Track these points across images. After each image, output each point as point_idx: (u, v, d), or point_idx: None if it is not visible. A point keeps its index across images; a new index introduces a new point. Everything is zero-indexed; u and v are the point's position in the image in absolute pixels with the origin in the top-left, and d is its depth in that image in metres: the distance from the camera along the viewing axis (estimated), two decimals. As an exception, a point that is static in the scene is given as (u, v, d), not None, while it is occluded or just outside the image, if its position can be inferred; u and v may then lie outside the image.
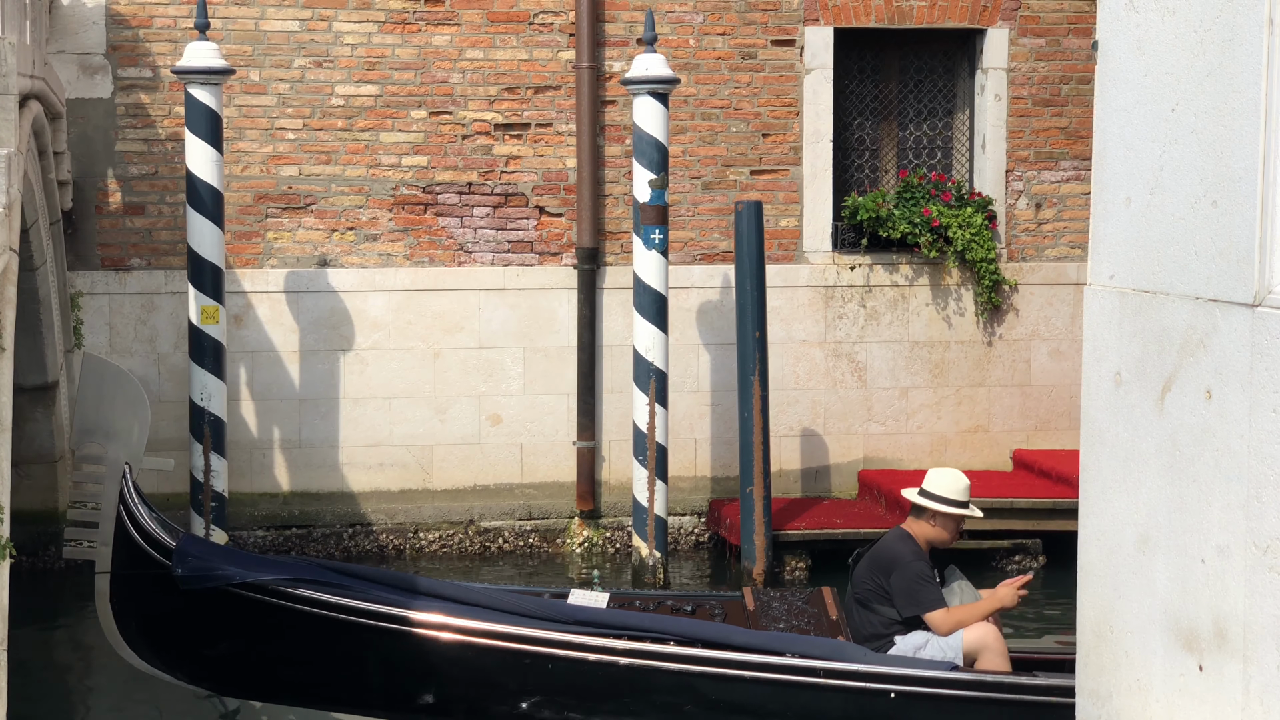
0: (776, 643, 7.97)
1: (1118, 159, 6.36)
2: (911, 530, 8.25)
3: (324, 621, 7.82)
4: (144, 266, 12.56)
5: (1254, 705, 5.44)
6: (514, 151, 12.89)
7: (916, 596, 8.04)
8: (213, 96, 11.58)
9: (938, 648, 7.97)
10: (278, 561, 8.32)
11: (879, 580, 8.12)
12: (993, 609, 8.14)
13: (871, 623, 8.14)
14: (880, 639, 8.09)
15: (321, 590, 7.86)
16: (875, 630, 8.12)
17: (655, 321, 11.92)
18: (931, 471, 8.37)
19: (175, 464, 8.80)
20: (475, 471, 12.96)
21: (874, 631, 8.12)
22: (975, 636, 7.98)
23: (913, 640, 8.03)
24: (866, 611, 8.16)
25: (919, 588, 8.04)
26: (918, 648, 8.00)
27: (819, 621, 8.46)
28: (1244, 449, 5.46)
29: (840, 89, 13.34)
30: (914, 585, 8.04)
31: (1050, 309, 13.53)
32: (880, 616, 8.12)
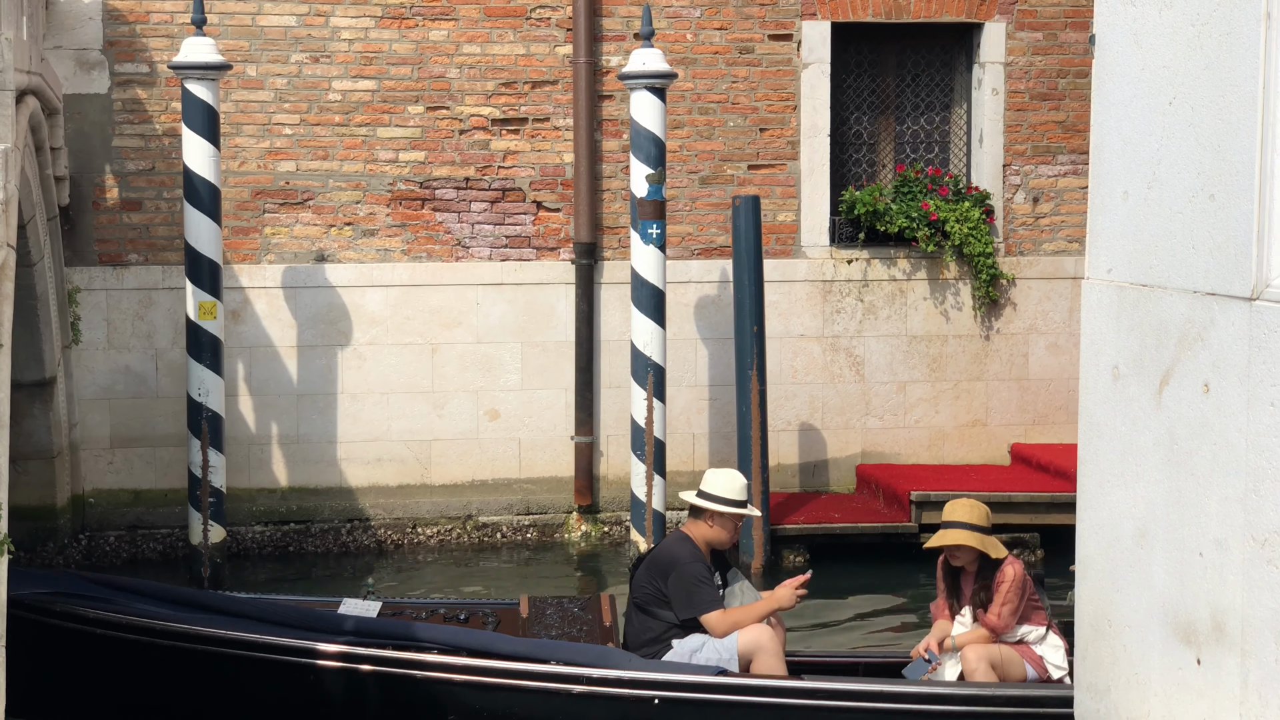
0: (542, 650, 7.86)
1: (1115, 153, 6.36)
2: (690, 532, 8.10)
3: (82, 636, 7.66)
4: (141, 262, 12.55)
5: (1252, 698, 5.44)
6: (511, 146, 12.88)
7: (692, 598, 7.89)
8: (210, 92, 11.57)
9: (713, 650, 7.84)
10: (40, 575, 8.17)
11: (656, 584, 7.97)
12: (770, 610, 8.01)
13: (650, 627, 7.99)
14: (658, 643, 7.95)
15: (82, 605, 7.72)
16: (653, 634, 7.97)
17: (653, 316, 11.92)
18: (709, 472, 8.22)
19: None
20: (473, 466, 12.96)
21: (652, 636, 7.97)
22: (750, 638, 7.86)
23: (689, 644, 7.89)
24: (645, 616, 8.01)
25: (694, 589, 7.90)
26: (694, 650, 7.86)
27: (592, 628, 8.31)
28: (1242, 442, 5.46)
29: (838, 83, 13.34)
30: (690, 587, 7.90)
31: (1048, 303, 13.53)
32: (658, 620, 7.96)
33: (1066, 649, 8.09)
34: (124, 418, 12.54)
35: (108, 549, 12.48)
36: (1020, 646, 8.09)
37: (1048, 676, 8.05)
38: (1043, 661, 8.08)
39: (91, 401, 12.50)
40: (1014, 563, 8.14)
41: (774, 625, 8.14)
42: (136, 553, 12.49)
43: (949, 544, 8.09)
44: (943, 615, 8.25)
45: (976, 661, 7.95)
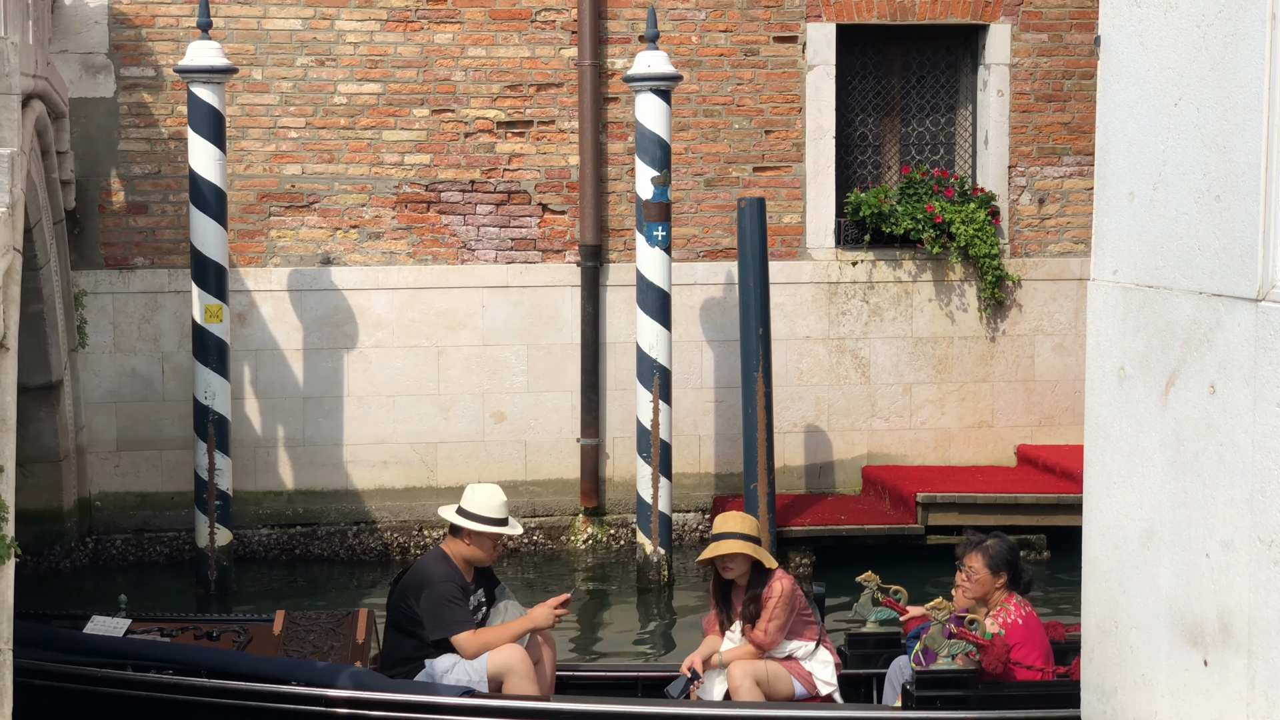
0: (284, 670, 7.67)
1: (1120, 154, 6.36)
2: (449, 550, 7.95)
3: None
4: (147, 265, 12.57)
5: (1259, 700, 5.44)
6: (517, 149, 12.89)
7: (442, 618, 7.74)
8: (215, 95, 11.59)
9: (464, 671, 7.71)
10: None
11: (409, 603, 7.81)
12: (524, 630, 7.87)
13: (403, 646, 7.85)
14: (410, 663, 7.80)
15: None
16: (406, 654, 7.83)
17: (658, 318, 11.92)
18: (469, 487, 8.05)
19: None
20: (479, 469, 12.96)
21: (405, 655, 7.83)
22: (500, 659, 7.71)
23: (441, 664, 7.76)
24: (399, 635, 7.87)
25: (445, 609, 7.74)
26: (445, 671, 7.73)
27: (344, 646, 8.13)
28: (1248, 443, 5.46)
29: (843, 85, 13.34)
30: (440, 607, 7.74)
31: (1054, 304, 13.52)
32: (411, 640, 7.82)
33: (837, 664, 7.96)
34: (130, 421, 12.56)
35: (114, 552, 12.49)
36: (789, 663, 7.87)
37: (816, 693, 7.85)
38: (812, 678, 7.86)
39: (98, 405, 12.51)
40: (783, 577, 7.89)
41: (543, 643, 7.98)
42: (143, 556, 12.51)
43: (723, 554, 7.80)
44: (713, 630, 8.05)
45: (741, 679, 7.74)
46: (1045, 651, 7.68)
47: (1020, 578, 7.79)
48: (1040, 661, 7.60)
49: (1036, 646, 7.63)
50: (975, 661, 7.43)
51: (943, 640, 7.49)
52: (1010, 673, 7.54)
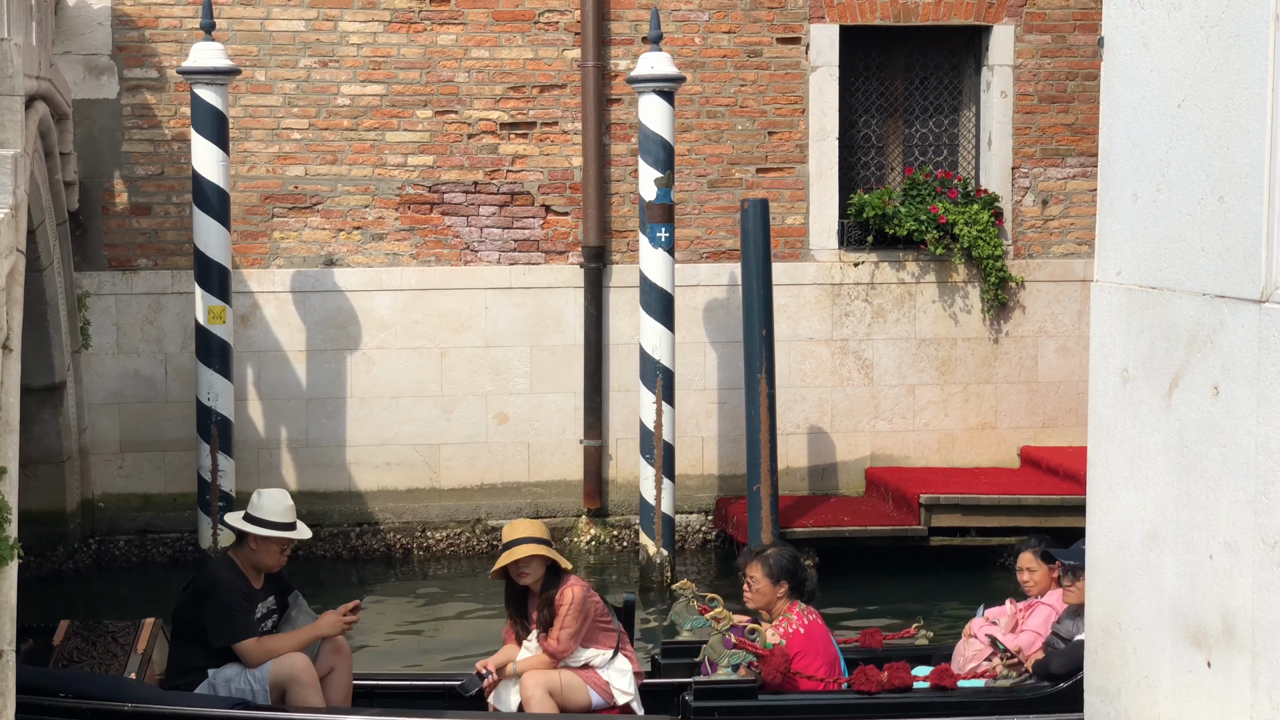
0: (52, 681, 7.36)
1: (1124, 155, 6.35)
2: (235, 556, 7.78)
3: None
4: (150, 267, 12.57)
5: (1262, 701, 5.43)
6: (520, 150, 12.89)
7: (225, 626, 7.54)
8: (218, 97, 11.59)
9: (246, 681, 7.53)
10: None
11: (193, 610, 7.62)
12: (309, 638, 7.68)
13: (188, 655, 7.65)
14: (193, 672, 7.60)
15: None
16: (191, 663, 7.63)
17: (662, 320, 11.92)
18: (256, 492, 7.91)
19: None
20: (482, 470, 12.96)
21: (190, 664, 7.63)
22: (282, 669, 7.51)
23: (224, 673, 7.57)
24: (184, 644, 7.68)
25: (228, 617, 7.55)
26: (228, 680, 7.55)
27: (123, 656, 7.83)
28: (1252, 445, 5.45)
29: (846, 86, 13.33)
30: (223, 614, 7.56)
31: (1057, 306, 13.51)
32: (196, 649, 7.62)
33: (638, 673, 7.81)
34: (133, 422, 12.56)
35: (117, 553, 12.50)
36: (585, 671, 7.69)
37: (614, 703, 7.68)
38: (609, 687, 7.68)
39: (101, 406, 12.52)
40: (576, 584, 7.72)
41: (336, 653, 7.76)
42: (146, 557, 12.51)
43: (520, 558, 7.63)
44: (510, 640, 7.88)
45: (533, 689, 7.58)
46: (829, 660, 7.58)
47: (803, 586, 7.71)
48: (823, 671, 7.51)
49: (819, 656, 7.54)
50: (756, 672, 7.33)
51: (723, 650, 7.38)
52: (793, 682, 7.45)
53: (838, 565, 12.21)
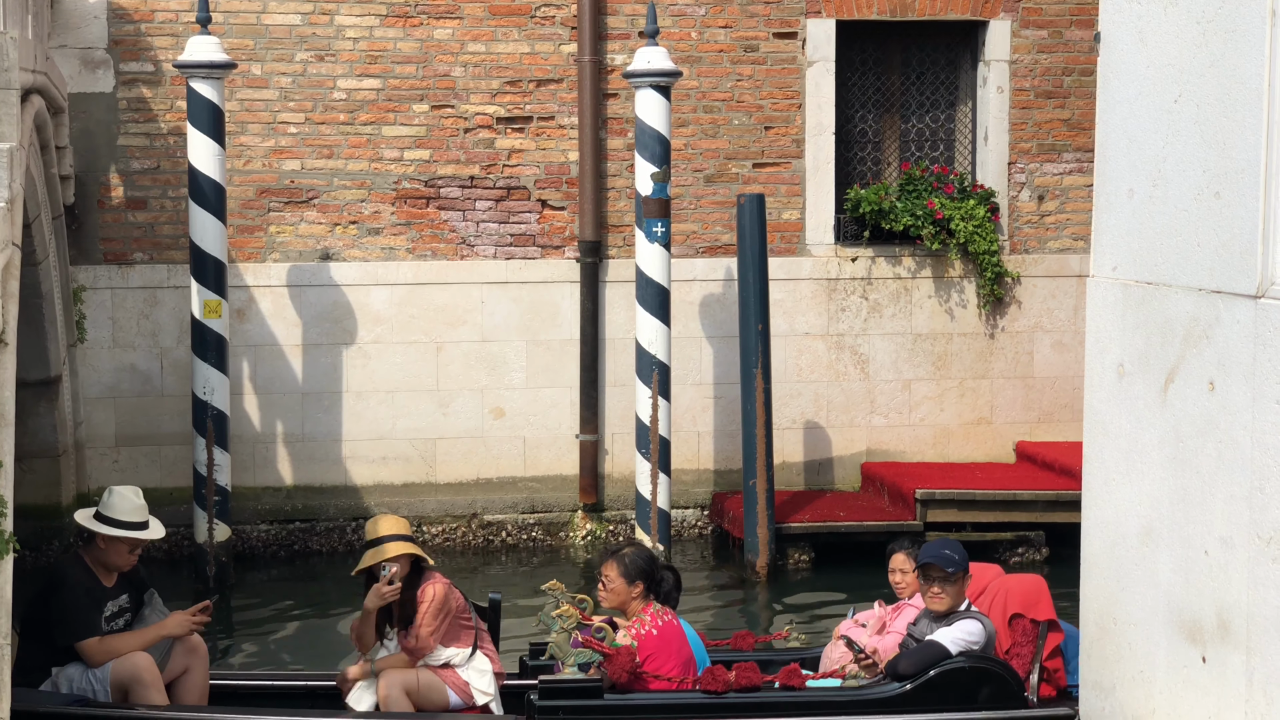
0: None
1: (1120, 151, 6.36)
2: (85, 554, 7.65)
3: None
4: (146, 261, 12.56)
5: (1257, 697, 5.44)
6: (516, 145, 12.88)
7: (68, 623, 7.38)
8: (215, 90, 11.58)
9: (88, 680, 7.38)
10: None
11: (40, 607, 7.46)
12: (155, 638, 7.52)
13: (34, 653, 7.42)
14: (38, 670, 7.42)
15: None
16: (37, 661, 7.43)
17: (658, 314, 11.92)
18: (107, 490, 7.76)
19: None
20: (478, 465, 12.97)
21: (36, 663, 7.42)
22: (125, 668, 7.34)
23: (68, 672, 7.42)
24: (29, 641, 7.46)
25: (72, 614, 7.38)
26: (71, 679, 7.38)
27: None
28: (1247, 440, 5.46)
29: (842, 81, 13.33)
30: (68, 611, 7.38)
31: (1053, 301, 13.52)
32: (42, 646, 7.44)
33: (499, 673, 7.68)
34: (129, 416, 12.55)
35: (113, 547, 12.48)
36: (445, 671, 7.55)
37: (473, 703, 7.56)
38: (469, 687, 7.56)
39: (96, 400, 12.51)
40: (438, 581, 7.58)
41: (191, 652, 7.61)
42: (142, 551, 12.47)
43: (389, 557, 7.46)
44: (372, 640, 7.69)
45: (389, 689, 7.41)
46: (684, 661, 7.52)
47: (659, 587, 7.64)
48: (676, 672, 7.45)
49: (672, 657, 7.48)
50: (603, 672, 7.28)
51: (569, 650, 7.31)
52: (643, 683, 7.39)
53: (833, 560, 12.22)
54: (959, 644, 7.40)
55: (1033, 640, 7.62)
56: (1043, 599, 7.71)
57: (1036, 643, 7.58)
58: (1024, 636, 7.63)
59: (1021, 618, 7.67)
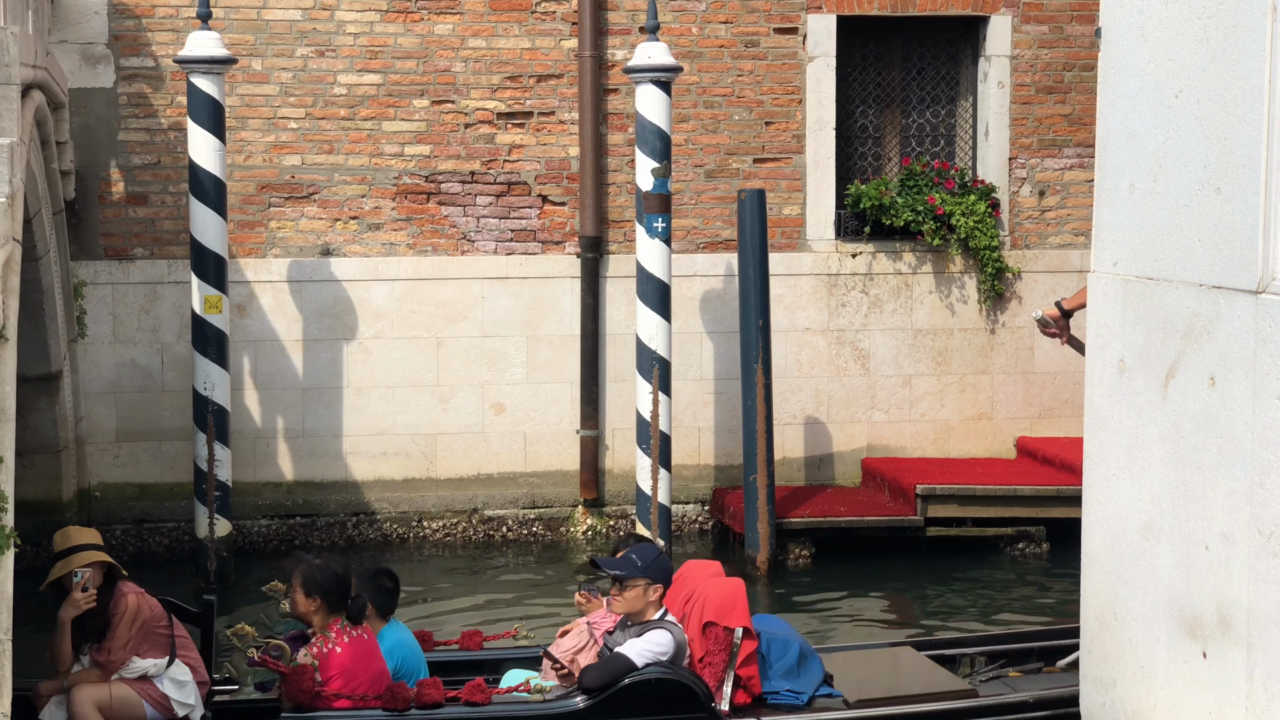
0: None
1: (1121, 146, 6.36)
2: None
3: None
4: (147, 256, 12.56)
5: (1258, 692, 5.44)
6: (517, 140, 12.88)
7: None
8: (215, 86, 11.57)
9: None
10: None
11: None
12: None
13: None
14: None
15: None
16: None
17: (658, 310, 11.92)
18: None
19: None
20: (479, 460, 12.97)
21: None
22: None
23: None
24: None
25: None
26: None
27: None
28: (1248, 435, 5.46)
29: (843, 77, 13.33)
30: None
31: (1054, 296, 13.48)
32: None
33: (203, 683, 7.41)
34: (130, 411, 12.56)
35: (113, 543, 12.46)
36: (141, 683, 7.24)
37: (173, 715, 7.26)
38: (167, 700, 7.25)
39: (97, 395, 12.51)
40: (132, 591, 7.28)
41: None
42: (143, 546, 12.51)
43: (83, 565, 7.17)
44: (68, 656, 7.30)
45: (82, 705, 7.09)
46: (372, 678, 7.37)
47: (342, 603, 7.41)
48: (363, 689, 7.32)
49: (357, 675, 7.33)
50: (280, 691, 7.16)
51: (245, 668, 7.15)
52: (328, 702, 7.25)
53: (834, 555, 12.22)
54: (645, 655, 7.30)
55: (726, 648, 7.49)
56: (738, 606, 7.55)
57: (729, 651, 7.45)
58: (716, 645, 7.49)
59: (715, 625, 7.51)
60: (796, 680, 7.67)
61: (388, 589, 7.87)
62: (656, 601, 7.48)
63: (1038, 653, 8.54)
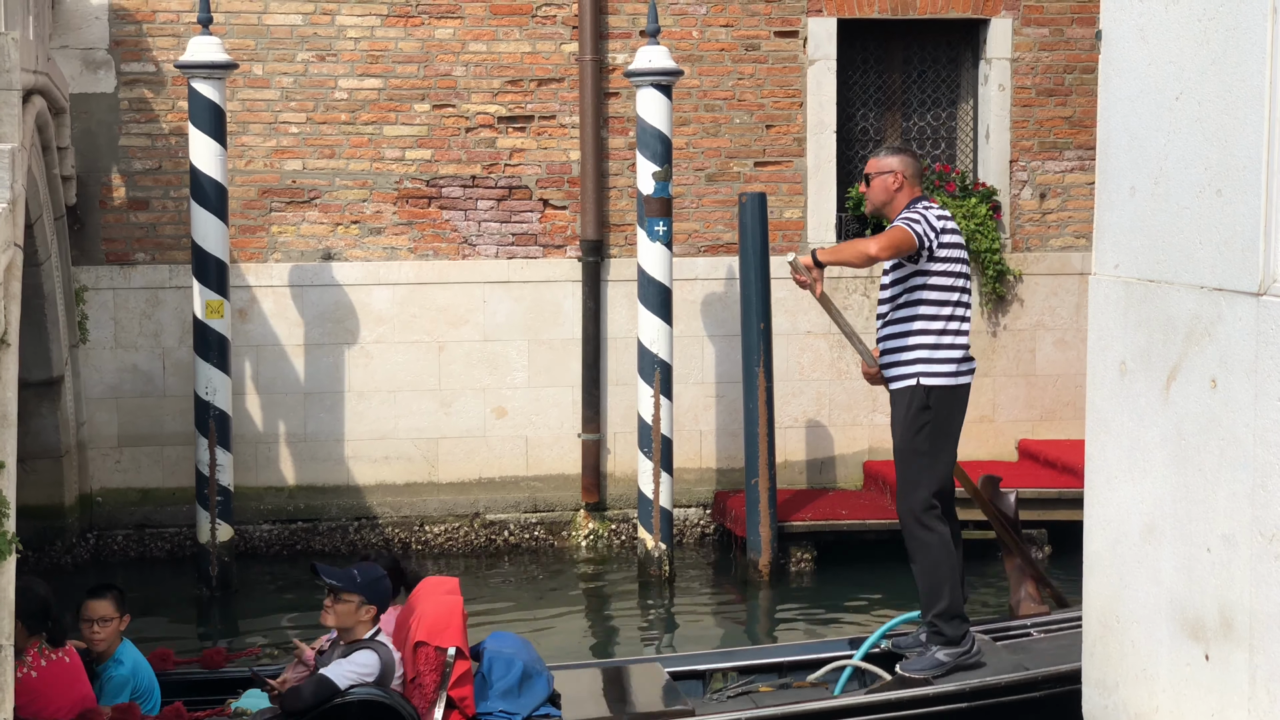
0: None
1: (1122, 148, 6.36)
2: None
3: None
4: (148, 261, 12.57)
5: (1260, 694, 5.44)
6: (517, 144, 12.89)
7: None
8: (216, 91, 11.58)
9: None
10: None
11: None
12: None
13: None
14: None
15: None
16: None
17: (660, 313, 11.92)
18: None
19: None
20: (480, 464, 12.97)
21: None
22: None
23: None
24: None
25: None
26: None
27: None
28: (1249, 437, 5.46)
29: (844, 80, 13.33)
30: None
31: (1055, 299, 13.52)
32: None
33: None
34: (131, 416, 12.56)
35: (115, 548, 12.50)
36: None
37: None
38: None
39: (99, 400, 12.52)
40: None
41: None
42: (144, 551, 12.51)
43: None
44: None
45: None
46: (76, 701, 7.21)
47: (43, 626, 7.23)
48: (63, 715, 7.13)
49: (56, 700, 7.14)
50: None
51: None
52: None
53: (835, 559, 12.22)
54: (348, 677, 7.13)
55: (437, 669, 7.31)
56: (451, 625, 7.37)
57: (441, 671, 7.27)
58: (428, 665, 7.31)
59: (426, 645, 7.34)
60: (516, 700, 7.49)
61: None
62: (369, 621, 7.31)
63: (787, 668, 8.46)
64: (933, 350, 8.04)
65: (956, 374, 8.07)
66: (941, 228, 8.00)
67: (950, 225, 8.07)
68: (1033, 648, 8.36)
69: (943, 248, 7.99)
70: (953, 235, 8.04)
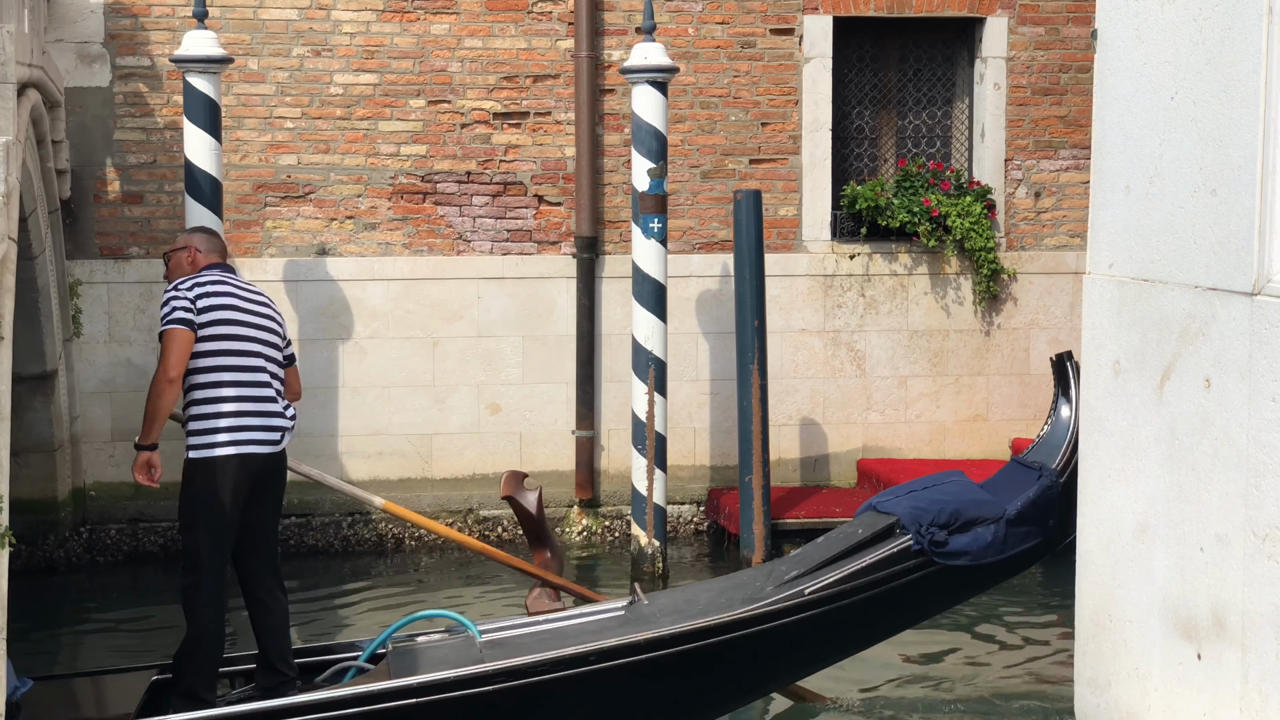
0: None
1: (1117, 147, 6.36)
2: None
3: None
4: (143, 255, 12.55)
5: (1252, 694, 5.44)
6: (513, 140, 12.88)
7: None
8: (211, 85, 11.57)
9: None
10: None
11: None
12: None
13: None
14: None
15: None
16: None
17: (654, 310, 11.92)
18: None
19: None
20: (474, 460, 12.96)
21: None
22: None
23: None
24: None
25: None
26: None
27: None
28: (1243, 437, 5.46)
29: (839, 78, 13.33)
30: None
31: (1049, 298, 13.53)
32: None
33: None
34: (125, 411, 12.53)
35: (109, 542, 12.49)
36: None
37: None
38: None
39: (93, 395, 12.50)
40: None
41: None
42: (138, 546, 12.50)
43: None
44: None
45: None
46: None
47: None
48: None
49: None
50: None
51: None
52: None
53: (829, 556, 12.20)
54: None
55: None
56: None
57: None
58: None
59: None
60: None
61: None
62: None
63: (299, 669, 8.15)
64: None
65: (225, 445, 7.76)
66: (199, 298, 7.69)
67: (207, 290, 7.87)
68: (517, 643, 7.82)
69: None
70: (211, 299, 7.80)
